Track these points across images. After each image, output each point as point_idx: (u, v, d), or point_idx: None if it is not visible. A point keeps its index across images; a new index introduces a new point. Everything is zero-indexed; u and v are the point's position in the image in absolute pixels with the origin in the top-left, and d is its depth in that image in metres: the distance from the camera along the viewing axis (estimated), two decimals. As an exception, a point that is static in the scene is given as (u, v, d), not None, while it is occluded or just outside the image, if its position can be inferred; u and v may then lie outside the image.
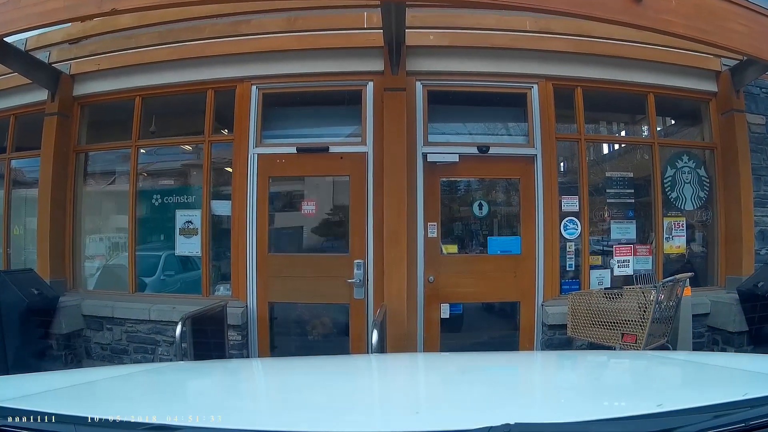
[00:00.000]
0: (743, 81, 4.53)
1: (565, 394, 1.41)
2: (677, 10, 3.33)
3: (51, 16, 3.44)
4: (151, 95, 4.74)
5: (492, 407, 1.16)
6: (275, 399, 1.31)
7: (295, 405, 1.22)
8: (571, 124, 4.64)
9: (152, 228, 4.82)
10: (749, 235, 4.53)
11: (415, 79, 4.35)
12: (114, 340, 4.46)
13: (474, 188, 4.76)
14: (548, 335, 4.23)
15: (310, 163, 4.40)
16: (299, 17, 4.27)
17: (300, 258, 4.51)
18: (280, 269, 4.33)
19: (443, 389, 1.44)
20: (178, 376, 1.65)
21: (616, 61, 4.46)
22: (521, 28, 4.29)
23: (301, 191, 4.69)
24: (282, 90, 4.54)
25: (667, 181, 4.70)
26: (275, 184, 4.51)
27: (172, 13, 3.97)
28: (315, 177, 4.60)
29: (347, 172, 4.40)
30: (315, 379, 1.54)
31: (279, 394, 1.38)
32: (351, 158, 4.36)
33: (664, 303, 3.52)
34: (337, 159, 4.38)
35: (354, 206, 4.31)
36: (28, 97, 4.92)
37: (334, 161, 4.39)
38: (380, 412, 1.19)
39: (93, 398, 1.31)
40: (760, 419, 0.88)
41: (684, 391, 1.38)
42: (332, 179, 4.65)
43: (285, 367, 1.89)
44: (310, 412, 1.14)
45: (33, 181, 5.00)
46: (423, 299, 4.27)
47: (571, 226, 4.45)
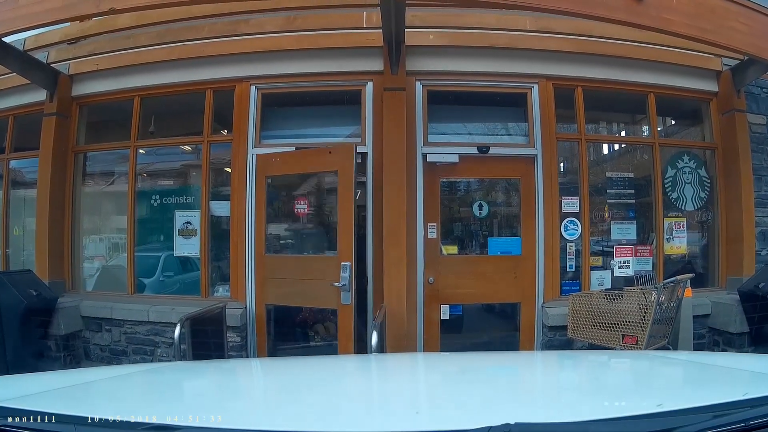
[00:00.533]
0: (744, 81, 4.53)
1: (565, 394, 1.40)
2: (678, 8, 3.33)
3: (49, 16, 3.44)
4: (149, 95, 4.74)
5: (492, 407, 1.15)
6: (275, 399, 1.31)
7: (294, 405, 1.21)
8: (571, 124, 4.63)
9: (151, 229, 4.82)
10: (750, 235, 4.53)
11: (415, 79, 4.35)
12: (113, 342, 4.45)
13: (474, 189, 4.76)
14: (548, 336, 4.22)
15: (308, 161, 4.36)
16: (298, 17, 4.27)
17: (292, 259, 4.48)
18: (274, 271, 4.29)
19: (443, 389, 1.44)
20: (178, 375, 1.64)
21: (617, 61, 4.46)
22: (521, 27, 4.29)
23: (298, 191, 4.67)
24: (281, 90, 4.54)
25: (668, 182, 4.70)
26: (274, 184, 4.50)
27: (170, 13, 3.97)
28: (313, 176, 4.58)
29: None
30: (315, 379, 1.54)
31: (279, 394, 1.38)
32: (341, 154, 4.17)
33: (665, 304, 3.51)
34: (336, 158, 4.36)
35: (341, 205, 4.03)
36: (26, 98, 4.92)
37: (330, 159, 4.35)
38: (380, 412, 1.19)
39: (92, 398, 1.31)
40: (760, 419, 0.88)
41: (684, 391, 1.38)
42: (334, 178, 4.62)
43: (284, 367, 1.89)
44: (309, 412, 1.13)
45: (32, 181, 5.00)
46: (423, 300, 4.26)
47: (572, 226, 4.44)
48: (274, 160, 4.32)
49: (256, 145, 4.40)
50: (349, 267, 3.88)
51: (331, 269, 3.95)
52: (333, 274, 3.92)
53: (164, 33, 4.41)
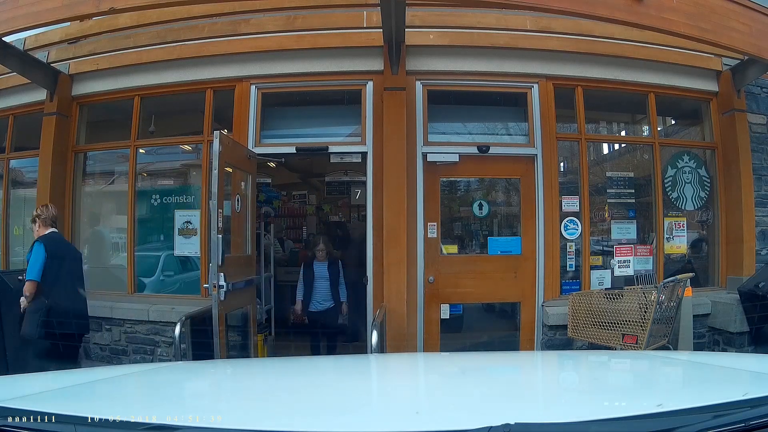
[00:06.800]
0: (744, 80, 4.52)
1: (565, 394, 1.41)
2: (678, 8, 3.32)
3: (49, 15, 3.44)
4: (149, 95, 4.73)
5: (492, 407, 1.15)
6: (275, 399, 1.31)
7: (295, 405, 1.21)
8: (571, 124, 4.63)
9: (151, 228, 4.81)
10: (750, 235, 4.53)
11: (415, 79, 4.34)
12: (113, 341, 4.45)
13: (474, 188, 4.76)
14: (548, 336, 4.22)
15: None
16: (298, 16, 4.27)
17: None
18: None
19: (443, 389, 1.43)
20: (178, 375, 1.64)
21: (617, 61, 4.46)
22: (522, 27, 4.29)
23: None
24: (281, 90, 4.54)
25: (668, 181, 4.70)
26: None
27: (170, 13, 3.97)
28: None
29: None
30: (315, 379, 1.54)
31: (279, 394, 1.38)
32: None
33: (665, 303, 3.51)
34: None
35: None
36: (26, 97, 4.92)
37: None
38: (380, 412, 1.19)
39: (93, 398, 1.31)
40: (760, 419, 0.88)
41: (684, 390, 1.38)
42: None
43: (285, 367, 1.89)
44: (310, 411, 1.13)
45: (32, 181, 5.00)
46: (423, 299, 4.26)
47: (572, 226, 4.44)
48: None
49: (257, 144, 4.40)
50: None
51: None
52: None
53: (164, 33, 4.41)
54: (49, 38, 4.45)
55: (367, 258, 4.24)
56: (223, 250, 3.44)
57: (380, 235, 4.13)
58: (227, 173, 4.60)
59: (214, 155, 3.45)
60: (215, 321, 3.34)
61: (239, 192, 4.06)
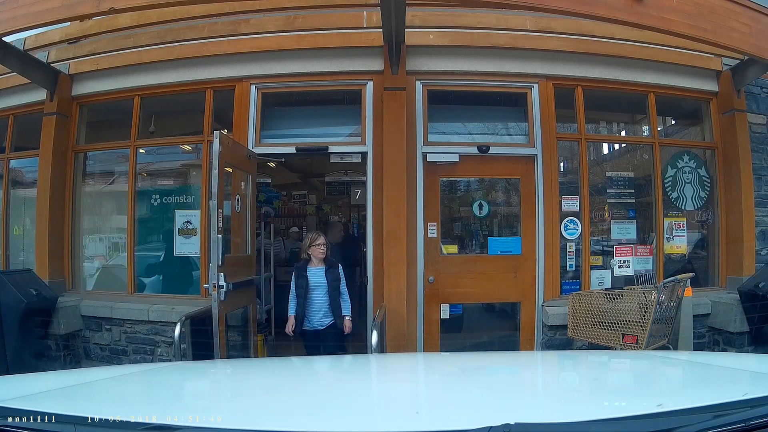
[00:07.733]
0: (744, 80, 4.52)
1: (565, 394, 1.41)
2: (678, 8, 3.32)
3: (49, 15, 3.45)
4: (149, 95, 4.73)
5: (492, 407, 1.15)
6: (275, 399, 1.31)
7: (295, 405, 1.21)
8: (571, 124, 4.63)
9: (151, 228, 4.81)
10: (750, 235, 4.52)
11: (415, 79, 4.34)
12: (113, 341, 4.45)
13: (474, 188, 4.76)
14: (548, 336, 4.22)
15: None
16: (298, 16, 4.26)
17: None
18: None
19: (443, 389, 1.44)
20: (178, 375, 1.64)
21: (617, 61, 4.46)
22: (522, 27, 4.29)
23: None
24: (281, 90, 4.53)
25: (668, 181, 4.69)
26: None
27: (170, 13, 3.97)
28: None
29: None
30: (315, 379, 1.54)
31: (279, 393, 1.38)
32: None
33: (665, 303, 3.51)
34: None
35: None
36: (26, 97, 4.91)
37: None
38: (380, 412, 1.19)
39: (92, 398, 1.31)
40: (760, 419, 0.88)
41: (684, 391, 1.38)
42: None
43: (285, 367, 1.89)
44: (310, 411, 1.14)
45: (32, 181, 5.00)
46: (423, 299, 4.26)
47: (572, 226, 4.44)
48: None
49: (257, 144, 4.40)
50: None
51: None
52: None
53: (164, 33, 4.41)
54: (49, 38, 4.45)
55: (367, 258, 4.23)
56: (223, 250, 3.44)
57: (380, 235, 4.13)
58: (227, 173, 4.60)
59: (214, 155, 3.46)
60: (215, 321, 3.34)
61: (239, 192, 4.07)
